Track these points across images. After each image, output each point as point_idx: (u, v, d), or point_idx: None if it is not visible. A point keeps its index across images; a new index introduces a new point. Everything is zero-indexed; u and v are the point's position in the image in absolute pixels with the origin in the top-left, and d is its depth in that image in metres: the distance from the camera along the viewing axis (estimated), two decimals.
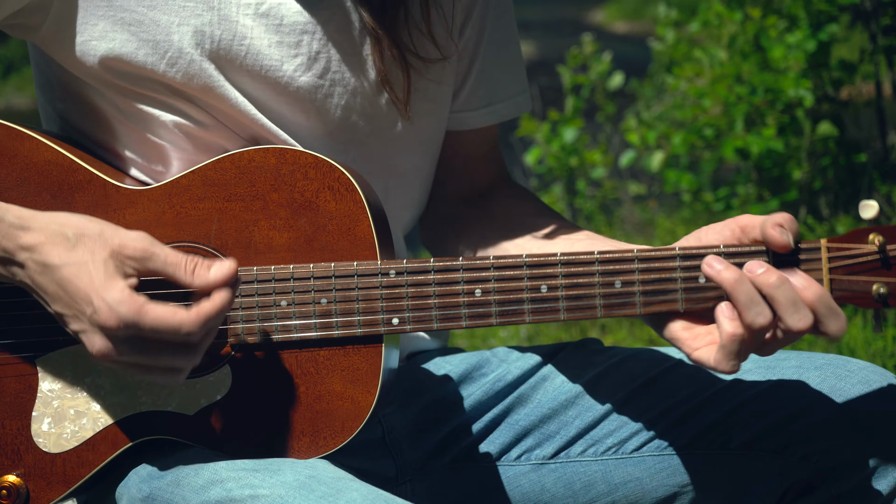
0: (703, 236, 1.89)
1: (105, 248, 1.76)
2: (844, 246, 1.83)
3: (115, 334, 1.73)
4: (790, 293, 1.80)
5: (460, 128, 2.17)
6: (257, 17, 1.95)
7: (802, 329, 1.80)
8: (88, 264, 1.74)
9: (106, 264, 1.75)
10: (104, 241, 1.76)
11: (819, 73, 5.22)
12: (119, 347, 1.74)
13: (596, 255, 1.86)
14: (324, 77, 1.98)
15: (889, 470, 1.98)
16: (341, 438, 1.88)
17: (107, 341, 1.74)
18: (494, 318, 1.87)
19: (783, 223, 1.83)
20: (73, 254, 1.75)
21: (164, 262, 1.77)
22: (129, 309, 1.73)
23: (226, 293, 1.77)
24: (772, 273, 1.81)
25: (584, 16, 14.02)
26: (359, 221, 1.89)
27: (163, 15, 1.92)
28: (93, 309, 1.73)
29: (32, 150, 1.91)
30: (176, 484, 1.87)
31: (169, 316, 1.74)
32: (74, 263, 1.75)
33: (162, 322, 1.74)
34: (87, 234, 1.76)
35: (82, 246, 1.76)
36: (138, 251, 1.76)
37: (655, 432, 2.07)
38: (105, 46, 1.92)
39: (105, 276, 1.74)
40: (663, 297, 1.86)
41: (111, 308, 1.73)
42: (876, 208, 1.83)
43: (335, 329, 1.88)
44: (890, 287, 1.82)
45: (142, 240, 1.77)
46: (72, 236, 1.76)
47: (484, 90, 2.15)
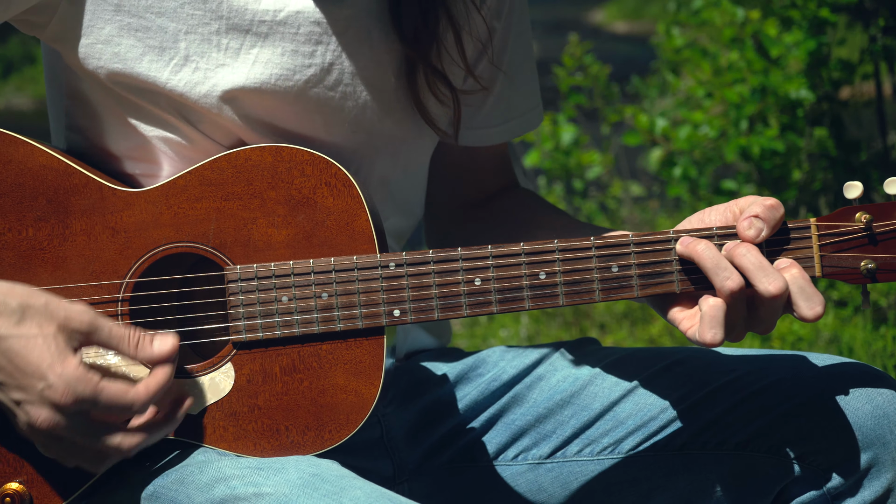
0: (705, 216, 1.93)
1: (52, 322, 1.76)
2: (833, 224, 1.89)
3: (66, 410, 1.74)
4: (757, 259, 1.84)
5: (476, 144, 2.19)
6: (274, 25, 1.95)
7: (774, 293, 1.83)
8: (38, 338, 1.75)
9: (56, 339, 1.75)
10: (50, 314, 1.76)
11: (819, 72, 5.28)
12: (63, 423, 1.75)
13: (592, 241, 1.90)
14: (335, 89, 1.98)
15: (883, 470, 2.00)
16: (346, 431, 1.90)
17: (54, 415, 1.74)
18: (494, 305, 1.90)
19: (758, 213, 1.87)
20: (20, 327, 1.75)
21: (109, 335, 1.79)
22: (85, 387, 1.74)
23: (168, 368, 1.80)
24: (740, 245, 1.86)
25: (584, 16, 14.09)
26: (357, 216, 1.91)
27: (170, 22, 1.93)
28: (46, 384, 1.73)
29: (27, 156, 1.91)
30: (180, 482, 1.86)
31: (122, 394, 1.76)
32: (22, 336, 1.75)
33: (115, 399, 1.76)
34: (32, 305, 1.76)
35: (29, 319, 1.75)
36: (84, 324, 1.77)
37: (651, 432, 2.09)
38: (111, 51, 1.92)
39: (57, 352, 1.74)
40: (659, 280, 1.90)
41: (68, 385, 1.73)
42: (860, 188, 1.88)
43: (337, 323, 1.89)
44: (877, 262, 1.88)
45: (87, 313, 1.78)
46: (16, 307, 1.76)
47: (503, 108, 2.18)
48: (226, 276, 1.90)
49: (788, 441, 2.03)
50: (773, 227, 1.88)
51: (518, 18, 2.16)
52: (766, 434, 2.04)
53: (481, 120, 2.17)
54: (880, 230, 1.88)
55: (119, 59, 1.92)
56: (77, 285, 1.90)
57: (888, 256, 1.87)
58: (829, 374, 2.05)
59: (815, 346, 4.00)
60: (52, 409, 1.74)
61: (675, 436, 2.08)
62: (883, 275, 1.88)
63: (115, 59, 1.92)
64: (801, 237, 1.89)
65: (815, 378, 2.04)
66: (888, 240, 1.87)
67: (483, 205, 2.24)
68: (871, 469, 2.01)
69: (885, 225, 1.88)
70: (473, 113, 2.16)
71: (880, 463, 2.00)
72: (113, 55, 1.92)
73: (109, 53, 1.92)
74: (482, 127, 2.18)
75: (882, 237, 1.88)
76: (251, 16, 1.94)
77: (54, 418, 1.74)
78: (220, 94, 1.93)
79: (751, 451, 2.05)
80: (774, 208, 1.89)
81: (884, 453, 2.00)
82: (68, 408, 1.74)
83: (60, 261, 1.91)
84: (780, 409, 2.04)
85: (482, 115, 2.17)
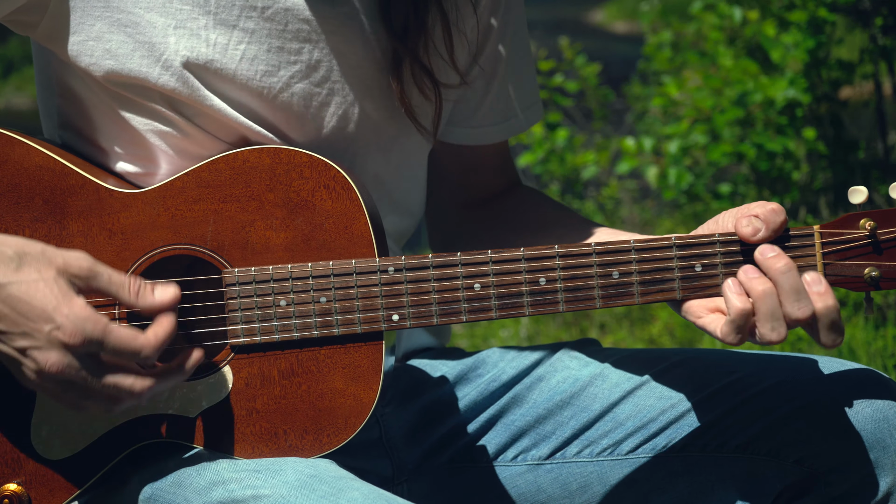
0: (720, 220, 1.92)
1: (51, 267, 1.75)
2: (836, 232, 1.87)
3: (76, 351, 1.73)
4: (794, 281, 1.83)
5: (476, 143, 2.18)
6: (262, 21, 1.94)
7: (800, 318, 1.83)
8: (39, 282, 1.73)
9: (57, 282, 1.74)
10: (48, 260, 1.75)
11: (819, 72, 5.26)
12: (75, 364, 1.73)
13: (593, 247, 1.88)
14: (322, 86, 1.98)
15: (883, 474, 1.99)
16: (345, 435, 1.89)
17: (64, 357, 1.73)
18: (494, 311, 1.89)
19: (757, 213, 1.87)
20: (19, 273, 1.74)
21: (109, 280, 1.77)
22: (94, 326, 1.73)
23: (172, 317, 1.78)
24: (781, 258, 1.84)
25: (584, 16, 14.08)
26: (356, 219, 1.89)
27: (159, 17, 1.92)
28: (53, 326, 1.72)
29: (23, 156, 1.90)
30: (178, 485, 1.86)
31: (131, 339, 1.75)
32: (23, 282, 1.73)
33: (124, 343, 1.74)
34: (28, 252, 1.75)
35: (27, 265, 1.74)
36: (83, 269, 1.76)
37: (651, 434, 2.08)
38: (102, 48, 1.91)
39: (61, 294, 1.73)
40: (661, 287, 1.88)
41: (75, 324, 1.72)
42: (865, 193, 1.86)
43: (335, 327, 1.88)
44: (881, 270, 1.86)
45: (85, 258, 1.76)
46: (13, 255, 1.74)
47: (502, 106, 2.17)
48: (224, 280, 1.89)
49: (788, 444, 2.02)
50: (773, 230, 1.87)
51: (515, 17, 2.14)
52: (766, 437, 2.03)
53: (481, 118, 2.16)
54: (885, 237, 1.86)
55: (110, 56, 1.91)
56: None
57: (892, 264, 1.86)
58: (830, 377, 2.04)
59: (816, 347, 3.99)
60: (61, 350, 1.72)
61: (675, 438, 2.08)
62: (886, 283, 1.87)
63: (107, 56, 1.91)
64: (805, 244, 1.87)
65: (815, 381, 2.03)
66: (893, 247, 1.86)
67: (485, 205, 2.23)
68: (872, 472, 2.00)
69: (889, 232, 1.86)
70: (473, 111, 2.15)
71: (880, 466, 1.99)
72: (104, 52, 1.91)
73: (101, 50, 1.91)
74: (482, 125, 2.16)
75: (886, 245, 1.86)
76: (238, 10, 1.93)
77: (64, 360, 1.72)
78: (210, 90, 1.93)
79: (751, 454, 2.05)
80: (775, 212, 1.87)
81: (884, 457, 1.99)
82: (78, 348, 1.72)
83: None
84: (780, 411, 2.03)
85: (481, 114, 2.15)
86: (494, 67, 2.14)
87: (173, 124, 1.95)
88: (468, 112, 2.14)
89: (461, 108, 2.14)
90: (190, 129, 1.95)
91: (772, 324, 1.84)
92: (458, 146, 2.18)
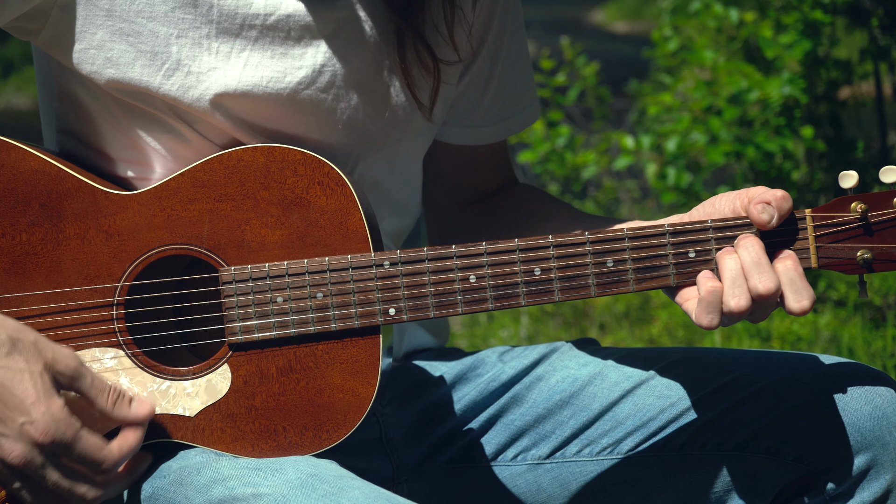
0: (716, 202, 1.93)
1: (39, 360, 1.75)
2: (829, 215, 1.88)
3: (43, 449, 1.73)
4: (755, 255, 1.85)
5: (473, 143, 2.19)
6: (264, 29, 1.95)
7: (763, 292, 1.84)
8: (25, 373, 1.74)
9: (42, 377, 1.74)
10: (39, 352, 1.76)
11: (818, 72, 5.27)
12: (37, 461, 1.74)
13: (587, 236, 1.89)
14: (328, 91, 1.98)
15: (882, 472, 2.00)
16: (344, 430, 1.89)
17: (28, 452, 1.73)
18: (490, 302, 1.89)
19: (770, 201, 1.87)
20: (8, 359, 1.74)
21: (91, 384, 1.79)
22: (66, 430, 1.74)
23: (140, 432, 1.81)
24: (747, 237, 1.86)
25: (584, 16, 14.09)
26: (350, 215, 1.90)
27: (161, 26, 1.93)
28: (28, 420, 1.72)
29: (19, 160, 1.91)
30: (178, 483, 1.86)
31: (97, 448, 1.76)
32: (10, 368, 1.74)
33: (90, 452, 1.76)
34: (22, 340, 1.75)
35: (18, 353, 1.75)
36: (69, 369, 1.77)
37: (650, 433, 2.08)
38: (103, 56, 1.92)
39: (44, 390, 1.74)
40: (655, 274, 1.89)
41: (48, 425, 1.73)
42: (855, 177, 1.88)
43: (333, 322, 1.89)
44: (874, 252, 1.87)
45: (74, 358, 1.78)
46: (6, 339, 1.75)
47: (499, 106, 2.18)
48: (220, 278, 1.90)
49: (787, 442, 2.02)
50: (781, 217, 1.88)
51: (512, 17, 2.16)
52: (766, 435, 2.03)
53: (478, 118, 2.17)
54: (876, 220, 1.87)
55: (112, 64, 1.92)
56: (72, 289, 1.90)
57: (884, 246, 1.87)
58: (829, 375, 2.04)
59: (815, 346, 3.99)
60: (28, 445, 1.73)
61: (675, 436, 2.08)
62: (879, 265, 1.87)
63: (108, 64, 1.92)
64: (797, 228, 1.88)
65: (814, 379, 2.04)
66: (884, 229, 1.87)
67: (483, 202, 2.24)
68: (871, 470, 2.00)
69: (880, 214, 1.87)
70: (471, 111, 2.16)
71: (879, 464, 1.99)
72: (105, 60, 1.92)
73: (102, 59, 1.92)
74: (480, 126, 2.18)
75: (878, 227, 1.87)
76: (241, 19, 1.94)
77: (28, 455, 1.73)
78: (212, 98, 1.93)
79: (750, 452, 2.05)
80: (785, 199, 1.89)
81: (883, 454, 1.99)
82: (45, 447, 1.73)
83: (55, 265, 1.90)
84: (780, 409, 2.03)
85: (479, 114, 2.17)
86: (492, 68, 2.15)
87: (174, 131, 1.96)
88: (466, 112, 2.16)
89: (459, 109, 2.16)
90: (191, 136, 1.96)
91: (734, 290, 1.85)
92: (457, 146, 2.19)
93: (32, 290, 1.90)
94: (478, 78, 2.15)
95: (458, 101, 2.15)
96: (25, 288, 1.90)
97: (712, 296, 1.85)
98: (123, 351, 1.90)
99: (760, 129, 5.15)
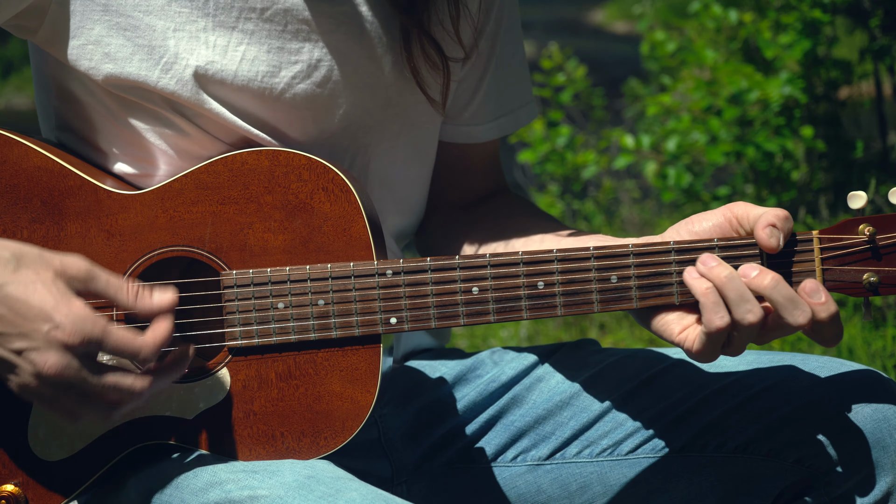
0: (696, 222, 1.91)
1: (48, 269, 1.73)
2: (836, 237, 1.86)
3: (76, 350, 1.71)
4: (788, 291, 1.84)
5: (465, 141, 2.17)
6: (261, 22, 1.94)
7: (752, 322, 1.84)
8: (38, 283, 1.72)
9: (56, 283, 1.73)
10: (45, 262, 1.74)
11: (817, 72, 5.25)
12: (74, 364, 1.71)
13: (592, 251, 1.88)
14: (323, 86, 1.97)
15: (882, 474, 1.99)
16: (342, 438, 1.89)
17: (63, 357, 1.70)
18: (492, 315, 1.89)
19: (776, 223, 1.86)
20: (17, 274, 1.72)
21: (107, 283, 1.76)
22: (93, 326, 1.71)
23: (169, 320, 1.77)
24: (766, 275, 1.84)
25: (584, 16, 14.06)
26: (354, 222, 1.89)
27: (159, 20, 1.92)
28: (52, 325, 1.70)
29: (22, 157, 1.90)
30: (175, 486, 1.86)
31: (130, 339, 1.73)
32: (21, 282, 1.72)
33: (123, 343, 1.73)
34: (26, 254, 1.74)
35: (25, 267, 1.73)
36: (81, 271, 1.75)
37: (651, 434, 2.08)
38: (101, 51, 1.91)
39: (60, 294, 1.72)
40: (659, 291, 1.88)
41: (75, 323, 1.70)
42: (864, 198, 1.86)
43: (333, 330, 1.88)
44: (880, 276, 1.86)
45: (82, 261, 1.75)
46: (10, 257, 1.73)
47: (493, 104, 2.16)
48: (222, 282, 1.89)
49: (788, 444, 2.02)
50: (786, 237, 1.87)
51: (508, 13, 2.14)
52: (766, 437, 2.03)
53: (471, 116, 2.15)
54: (883, 243, 1.85)
55: (109, 59, 1.91)
56: None
57: (891, 270, 1.85)
58: (829, 377, 2.03)
59: (815, 347, 3.98)
60: (60, 350, 1.70)
61: (675, 438, 2.07)
62: (885, 288, 1.86)
63: (106, 60, 1.91)
64: (804, 250, 1.87)
65: (814, 381, 2.03)
66: (891, 253, 1.85)
67: (468, 208, 2.22)
68: (871, 472, 2.00)
69: (888, 238, 1.85)
70: (463, 107, 2.14)
71: (880, 466, 1.99)
72: (103, 55, 1.91)
73: (100, 54, 1.91)
74: (472, 123, 2.16)
75: (885, 250, 1.85)
76: (237, 13, 1.93)
77: (63, 360, 1.70)
78: (210, 92, 1.93)
79: (750, 454, 2.04)
80: (787, 219, 1.87)
81: (883, 457, 1.99)
82: (77, 348, 1.70)
83: None
84: (780, 411, 2.03)
85: (471, 111, 2.15)
86: (486, 65, 2.13)
87: (173, 125, 1.95)
88: (458, 108, 2.14)
89: (452, 104, 2.13)
90: (190, 130, 1.95)
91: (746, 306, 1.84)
92: (447, 144, 2.17)
93: None
94: (472, 73, 2.13)
95: (453, 96, 2.13)
96: None
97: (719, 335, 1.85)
98: None
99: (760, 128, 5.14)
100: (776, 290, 1.83)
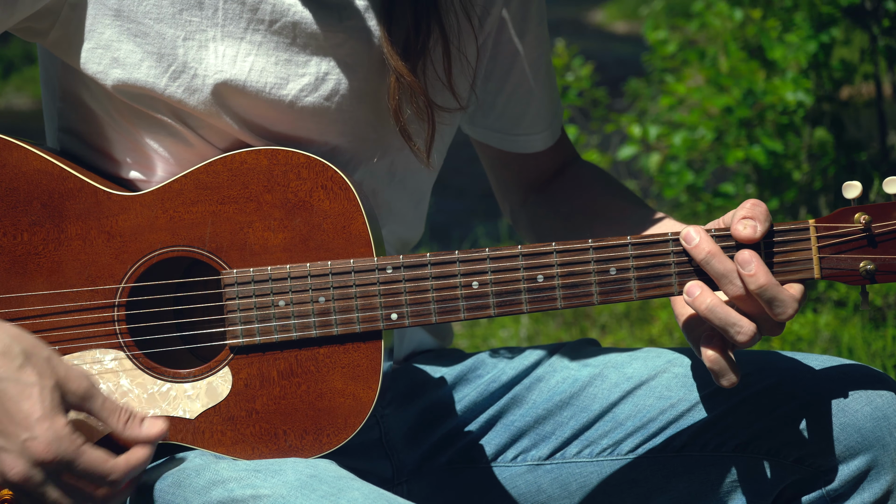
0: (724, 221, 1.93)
1: (52, 377, 1.74)
2: (832, 226, 1.88)
3: (45, 466, 1.72)
4: (719, 267, 1.88)
5: (526, 150, 2.23)
6: (269, 34, 1.95)
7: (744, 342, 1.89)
8: (35, 388, 1.72)
9: (52, 394, 1.73)
10: (51, 369, 1.74)
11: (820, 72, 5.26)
12: (37, 480, 1.73)
13: (590, 243, 1.89)
14: (330, 99, 1.98)
15: (882, 472, 2.00)
16: (344, 435, 1.89)
17: (29, 469, 1.72)
18: (492, 308, 1.89)
19: (750, 215, 1.88)
20: (20, 372, 1.73)
21: (102, 405, 1.77)
22: (69, 447, 1.72)
23: (149, 450, 1.79)
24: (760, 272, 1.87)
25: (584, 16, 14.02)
26: (353, 219, 1.90)
27: (169, 28, 1.92)
28: (30, 435, 1.71)
29: (21, 160, 1.90)
30: (177, 485, 1.86)
31: (102, 461, 1.75)
32: (20, 382, 1.73)
33: (94, 466, 1.74)
34: (36, 354, 1.74)
35: (31, 367, 1.73)
36: (81, 388, 1.76)
37: (651, 434, 2.09)
38: (110, 56, 1.92)
39: (51, 407, 1.72)
40: (658, 282, 1.89)
41: (52, 441, 1.71)
42: (859, 188, 1.87)
43: (334, 327, 1.89)
44: (876, 263, 1.87)
45: (86, 378, 1.76)
46: (19, 352, 1.73)
47: (545, 113, 2.22)
48: (222, 281, 1.90)
49: (788, 443, 2.03)
50: (764, 220, 1.88)
51: (542, 27, 2.19)
52: (766, 436, 2.04)
53: (527, 126, 2.21)
54: (879, 231, 1.87)
55: (118, 65, 1.92)
56: (73, 290, 1.90)
57: (887, 258, 1.86)
58: (829, 376, 2.04)
59: (815, 347, 3.99)
60: (29, 462, 1.71)
61: (675, 437, 2.08)
62: (882, 276, 1.87)
63: (115, 65, 1.92)
64: (800, 239, 1.88)
65: (814, 380, 2.04)
66: (887, 241, 1.87)
67: (543, 189, 2.27)
68: (871, 471, 2.01)
69: (884, 226, 1.87)
70: (518, 120, 2.20)
71: (880, 465, 2.00)
72: (112, 60, 1.92)
73: (109, 58, 1.92)
74: (530, 133, 2.22)
75: (881, 238, 1.87)
76: (245, 24, 1.93)
77: (29, 472, 1.72)
78: (217, 101, 1.93)
79: (750, 453, 2.05)
80: (756, 205, 1.89)
81: (883, 455, 2.00)
82: (47, 464, 1.72)
83: (56, 266, 1.90)
84: (780, 410, 2.03)
85: (527, 122, 2.20)
86: (533, 84, 2.18)
87: (177, 134, 1.95)
88: (513, 121, 2.20)
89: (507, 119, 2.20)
90: (194, 140, 1.95)
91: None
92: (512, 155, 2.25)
93: (33, 291, 1.90)
94: (512, 97, 2.19)
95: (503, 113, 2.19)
96: (26, 288, 1.90)
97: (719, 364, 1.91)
98: (124, 352, 1.90)
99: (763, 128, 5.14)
100: (709, 265, 1.87)
